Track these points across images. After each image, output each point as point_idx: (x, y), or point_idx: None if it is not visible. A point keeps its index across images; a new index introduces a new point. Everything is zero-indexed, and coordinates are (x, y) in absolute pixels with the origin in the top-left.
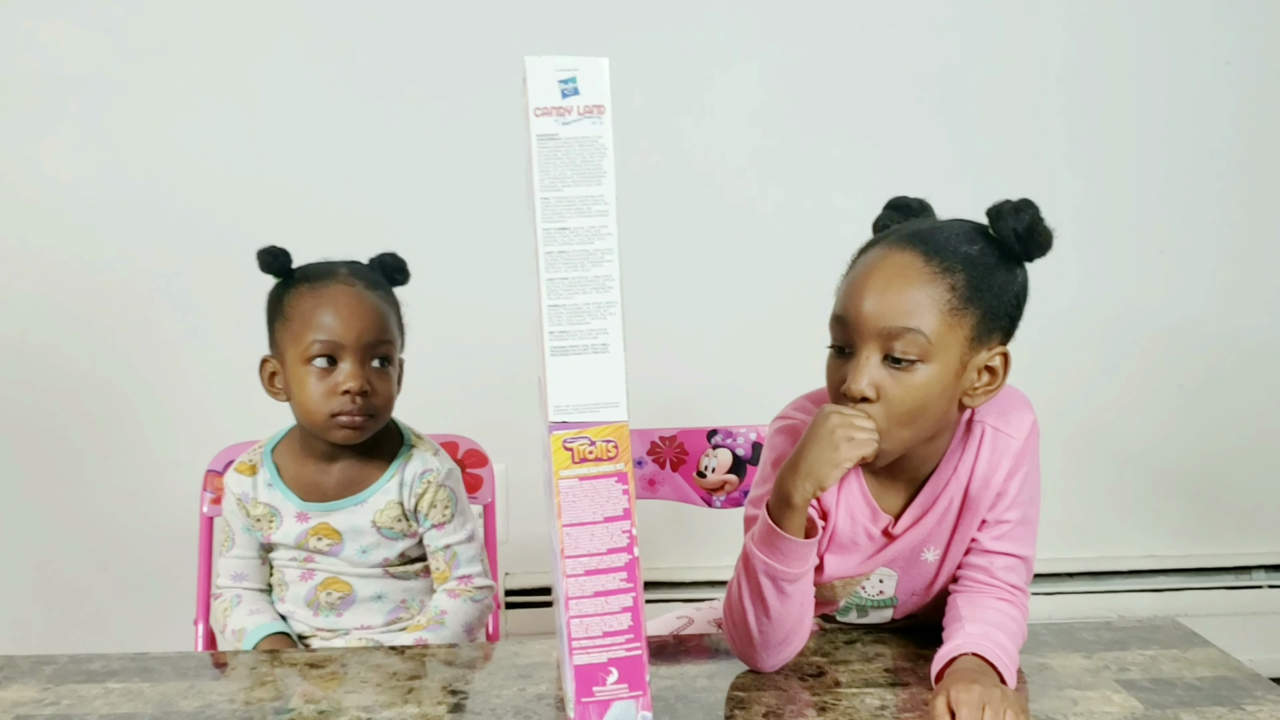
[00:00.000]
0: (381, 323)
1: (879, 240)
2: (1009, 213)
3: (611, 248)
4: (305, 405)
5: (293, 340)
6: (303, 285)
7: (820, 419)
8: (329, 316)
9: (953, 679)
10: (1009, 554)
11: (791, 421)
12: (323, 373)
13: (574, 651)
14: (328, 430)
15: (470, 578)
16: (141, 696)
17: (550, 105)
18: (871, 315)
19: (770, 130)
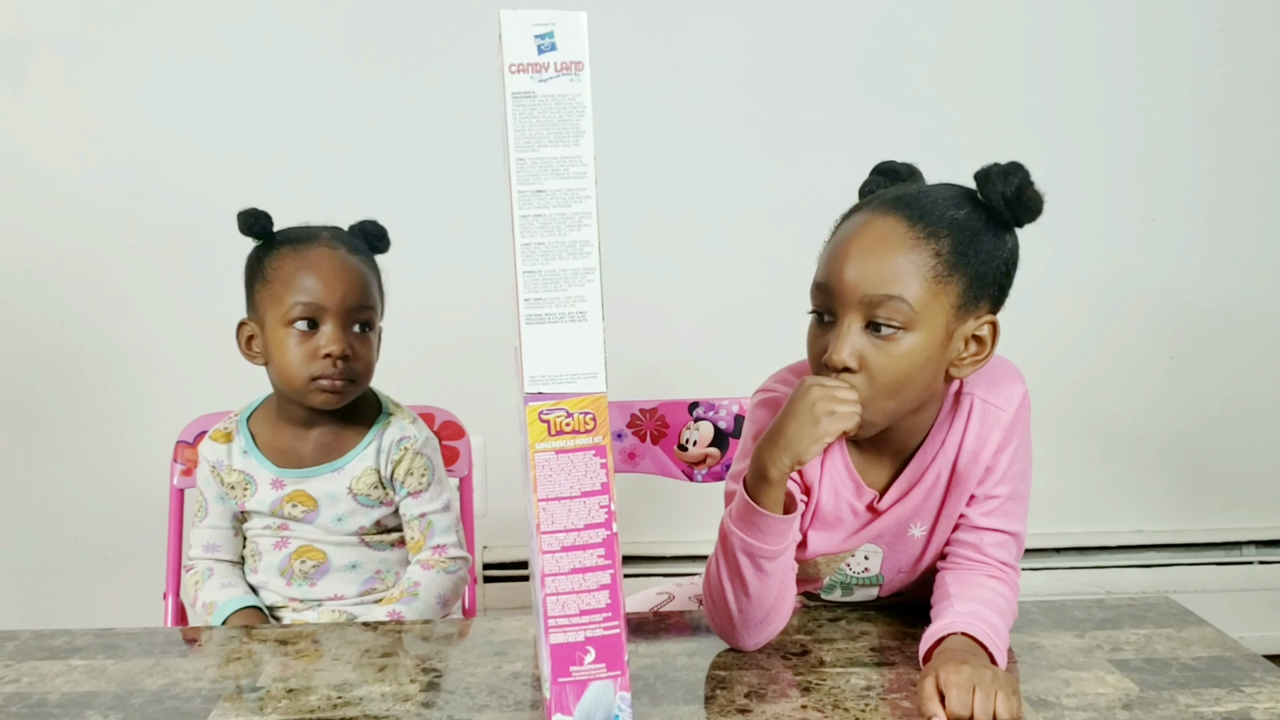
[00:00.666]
0: (364, 287)
1: (863, 205)
2: (997, 176)
3: (590, 211)
4: (285, 368)
5: (273, 302)
6: (284, 248)
7: (800, 391)
8: (311, 279)
9: (942, 659)
10: (999, 530)
11: (773, 394)
12: (303, 336)
13: (550, 630)
14: (307, 394)
15: (444, 548)
16: (105, 674)
17: (526, 61)
18: (853, 282)
19: (756, 94)
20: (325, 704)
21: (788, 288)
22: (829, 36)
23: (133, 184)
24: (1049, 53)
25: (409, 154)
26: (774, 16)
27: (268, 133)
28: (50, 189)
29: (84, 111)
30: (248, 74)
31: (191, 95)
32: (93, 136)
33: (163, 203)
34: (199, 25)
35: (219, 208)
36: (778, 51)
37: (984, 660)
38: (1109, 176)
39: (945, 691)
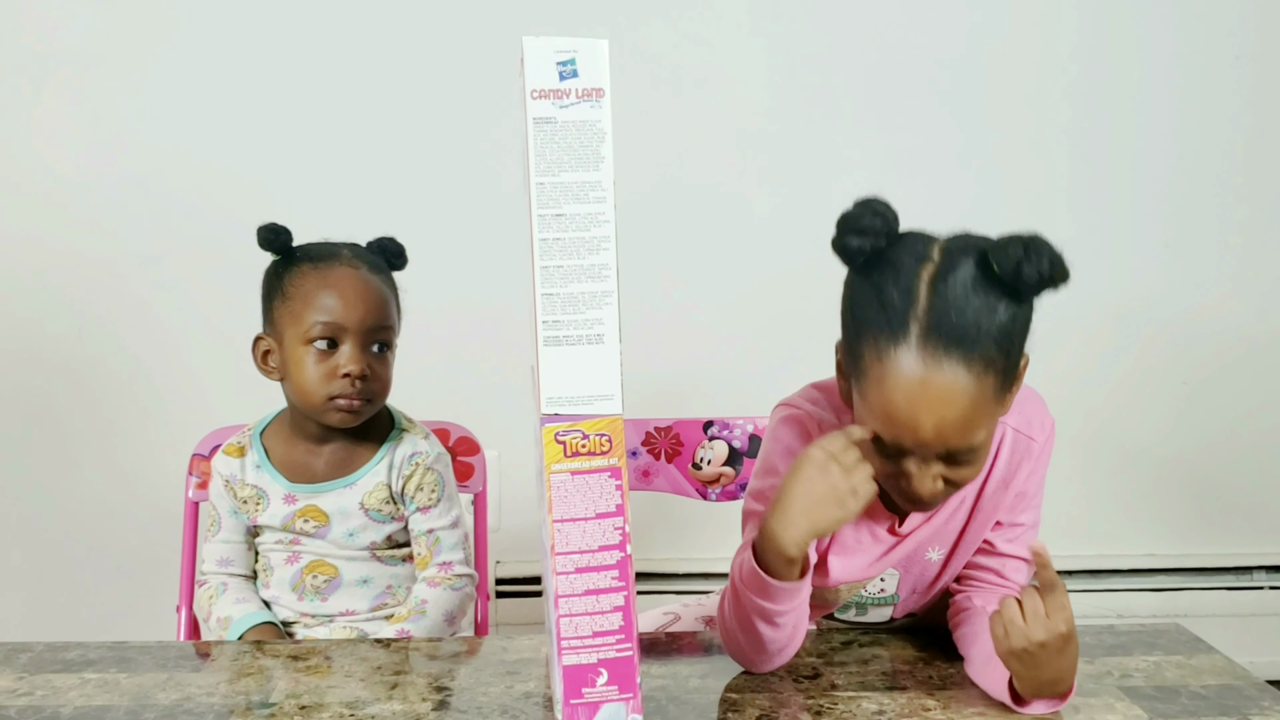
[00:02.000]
0: (384, 307)
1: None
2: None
3: (608, 235)
4: (303, 386)
5: (293, 320)
6: (305, 265)
7: (816, 467)
8: (332, 298)
9: None
10: (1019, 556)
11: (796, 412)
12: (322, 354)
13: (563, 651)
14: (324, 413)
15: (450, 565)
16: (118, 688)
17: (548, 88)
18: (930, 442)
19: (772, 117)
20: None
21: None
22: (843, 59)
23: (152, 195)
24: (1068, 78)
25: (430, 173)
26: (787, 43)
27: (289, 148)
28: (70, 199)
29: (104, 123)
30: (270, 89)
31: (212, 109)
32: (113, 148)
33: (182, 214)
34: (220, 39)
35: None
36: (792, 75)
37: None
38: (1127, 203)
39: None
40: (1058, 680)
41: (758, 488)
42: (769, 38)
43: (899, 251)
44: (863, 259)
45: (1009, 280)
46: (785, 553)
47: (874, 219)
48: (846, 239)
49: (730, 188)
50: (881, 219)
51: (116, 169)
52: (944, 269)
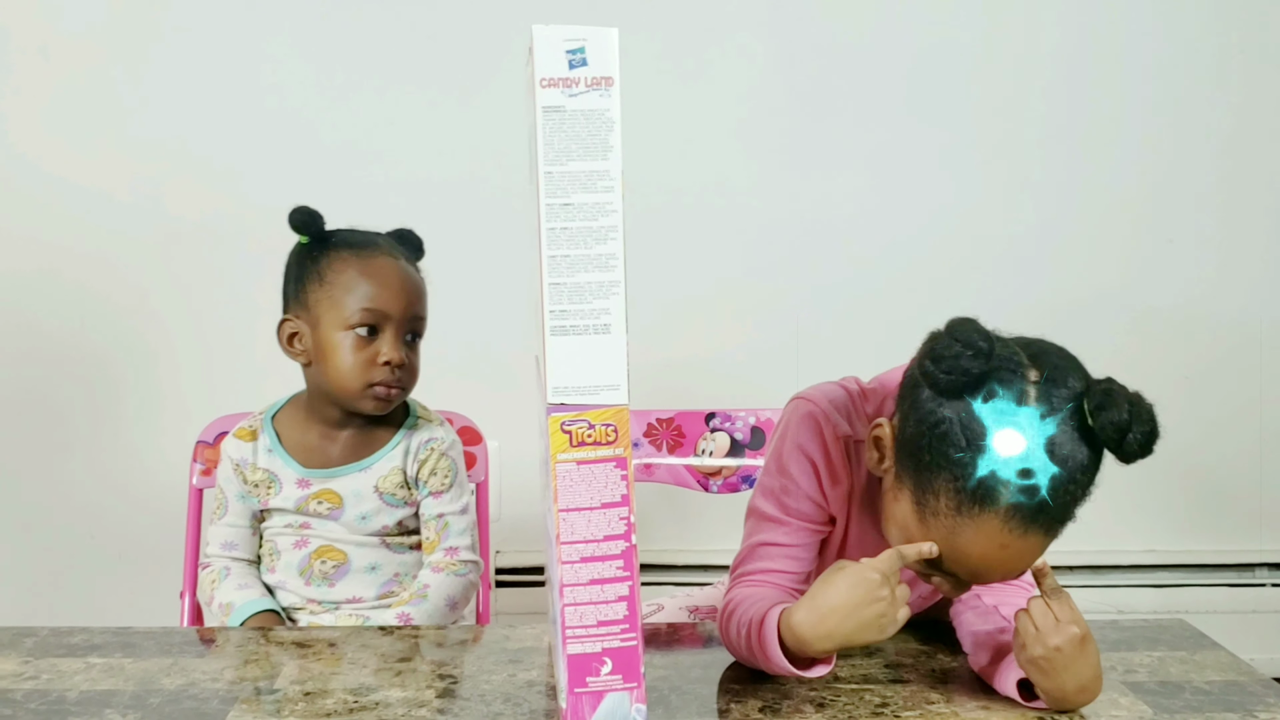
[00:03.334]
0: (422, 298)
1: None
2: (1131, 430)
3: (616, 225)
4: (340, 371)
5: (332, 305)
6: (345, 251)
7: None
8: (376, 286)
9: None
10: (1022, 586)
11: (814, 409)
12: (361, 341)
13: (567, 640)
14: (358, 399)
15: (457, 550)
16: (123, 673)
17: (557, 76)
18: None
19: (778, 108)
20: (342, 708)
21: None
22: (852, 52)
23: (151, 187)
24: (1068, 72)
25: (436, 162)
26: (800, 31)
27: (289, 139)
28: (71, 190)
29: (103, 118)
30: (269, 80)
31: (213, 100)
32: (111, 142)
33: (181, 206)
34: (218, 31)
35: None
36: (801, 66)
37: None
38: (1127, 196)
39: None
40: (1083, 689)
41: (768, 486)
42: (777, 28)
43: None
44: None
45: (1109, 444)
46: (808, 652)
47: (973, 360)
48: (940, 377)
49: (737, 179)
50: (981, 359)
51: (117, 160)
52: None
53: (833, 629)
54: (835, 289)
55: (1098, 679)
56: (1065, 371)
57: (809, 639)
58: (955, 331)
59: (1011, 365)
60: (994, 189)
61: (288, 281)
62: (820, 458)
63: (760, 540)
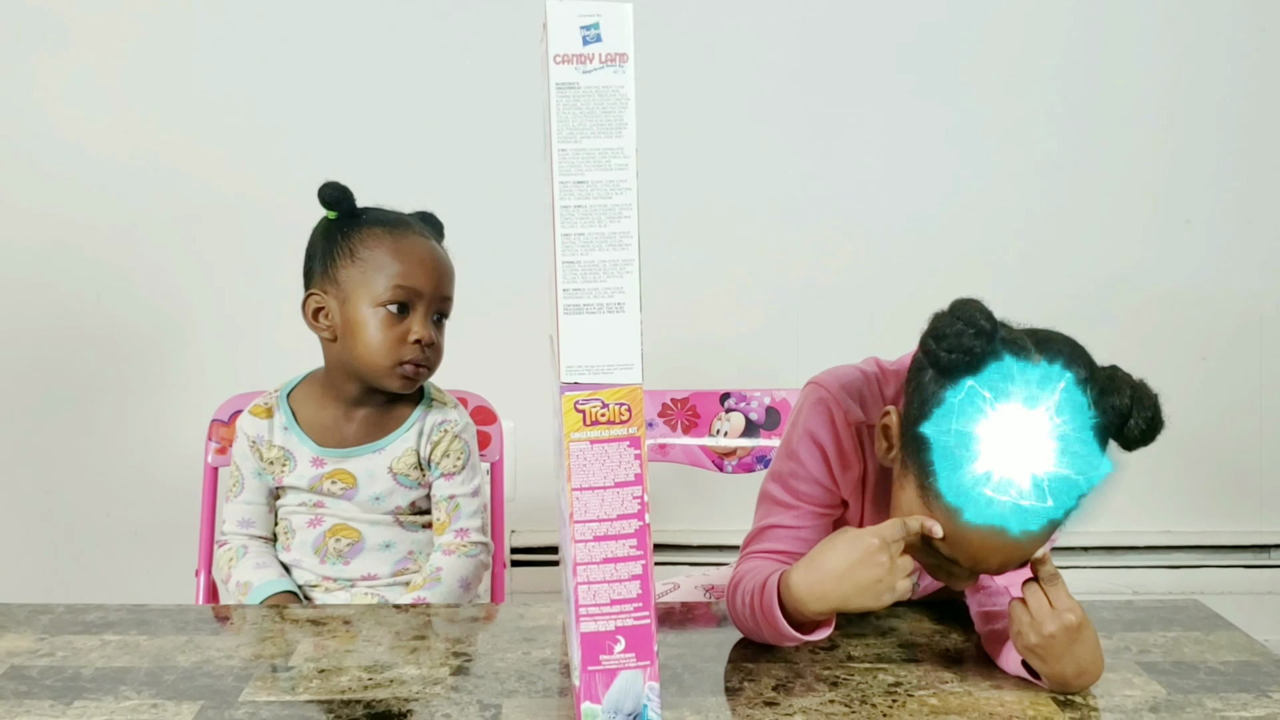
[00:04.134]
0: (451, 278)
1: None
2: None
3: (630, 203)
4: (369, 348)
5: (363, 282)
6: (379, 228)
7: (866, 551)
8: (410, 264)
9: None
10: None
11: (825, 395)
12: (392, 319)
13: (581, 619)
14: (386, 377)
15: (467, 531)
16: (138, 650)
17: (571, 52)
18: (990, 571)
19: (796, 87)
20: (356, 685)
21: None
22: (867, 29)
23: (168, 160)
24: (1087, 51)
25: (450, 139)
26: (814, 10)
27: (306, 114)
28: (86, 165)
29: (119, 89)
30: (286, 54)
31: (229, 74)
32: (128, 113)
33: (199, 180)
34: (240, 8)
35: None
36: (815, 44)
37: None
38: (1146, 177)
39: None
40: (1082, 672)
41: (779, 470)
42: (790, 6)
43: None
44: (955, 373)
45: (1112, 430)
46: (805, 609)
47: (975, 339)
48: (942, 355)
49: (752, 158)
50: (984, 338)
51: (134, 135)
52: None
53: (828, 590)
54: (853, 269)
55: (1097, 663)
56: (1069, 358)
57: (804, 599)
58: (958, 310)
59: (1014, 349)
60: (1009, 168)
61: (313, 257)
62: (830, 444)
63: (769, 523)
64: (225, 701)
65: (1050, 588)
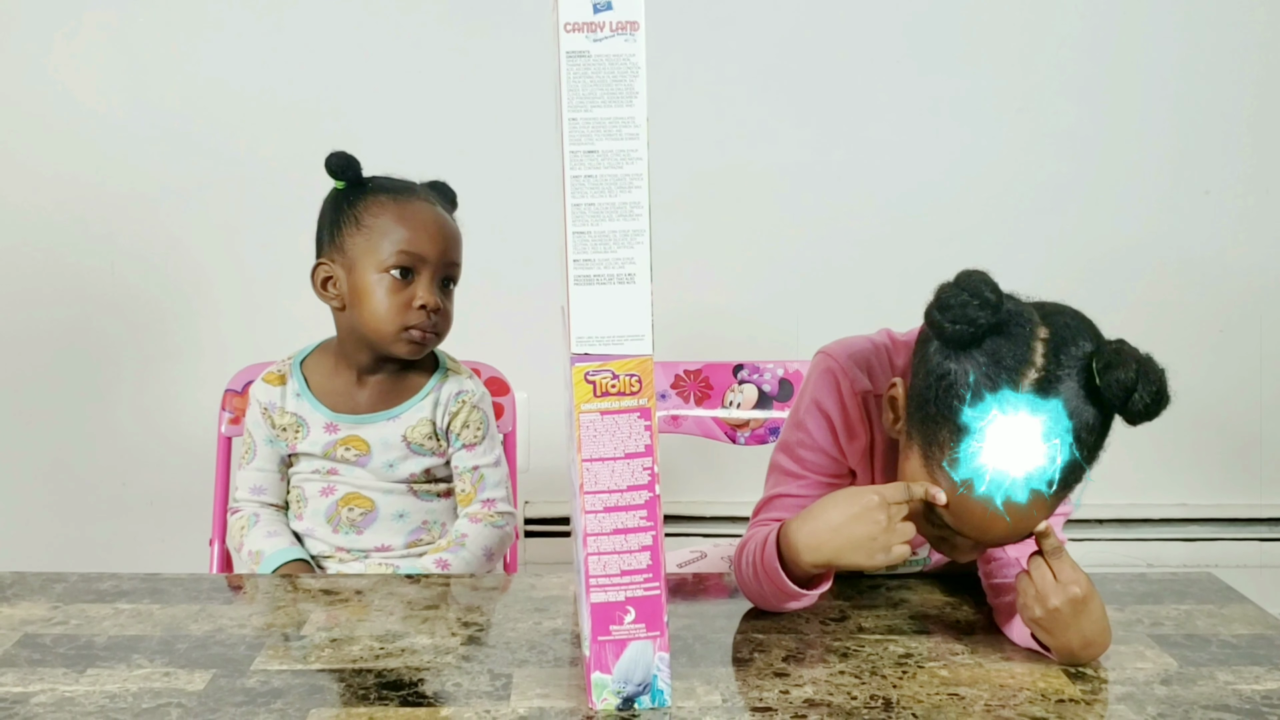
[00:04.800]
0: (457, 244)
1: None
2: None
3: (641, 173)
4: (375, 314)
5: (369, 249)
6: (383, 196)
7: (864, 507)
8: (413, 230)
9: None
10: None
11: (832, 365)
12: (397, 285)
13: (591, 589)
14: (392, 343)
15: (494, 502)
16: (151, 618)
17: (581, 20)
18: (993, 544)
19: (807, 56)
20: (368, 654)
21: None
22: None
23: (184, 129)
24: (1103, 20)
25: (461, 109)
26: None
27: (319, 82)
28: (102, 134)
29: (136, 57)
30: (300, 23)
31: (244, 42)
32: (144, 82)
33: (214, 149)
34: None
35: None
36: (828, 12)
37: None
38: (1165, 146)
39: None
40: (1089, 644)
41: (787, 440)
42: None
43: (999, 344)
44: (960, 344)
45: (1114, 402)
46: (800, 564)
47: (980, 310)
48: (947, 326)
49: (765, 127)
50: (989, 309)
51: (148, 104)
52: (1047, 379)
53: (822, 542)
54: (865, 240)
55: (1104, 633)
56: (1076, 331)
57: (800, 549)
58: (963, 282)
59: (1020, 320)
60: (1024, 137)
61: (322, 227)
62: (836, 413)
63: (777, 492)
64: (237, 670)
65: (1055, 560)
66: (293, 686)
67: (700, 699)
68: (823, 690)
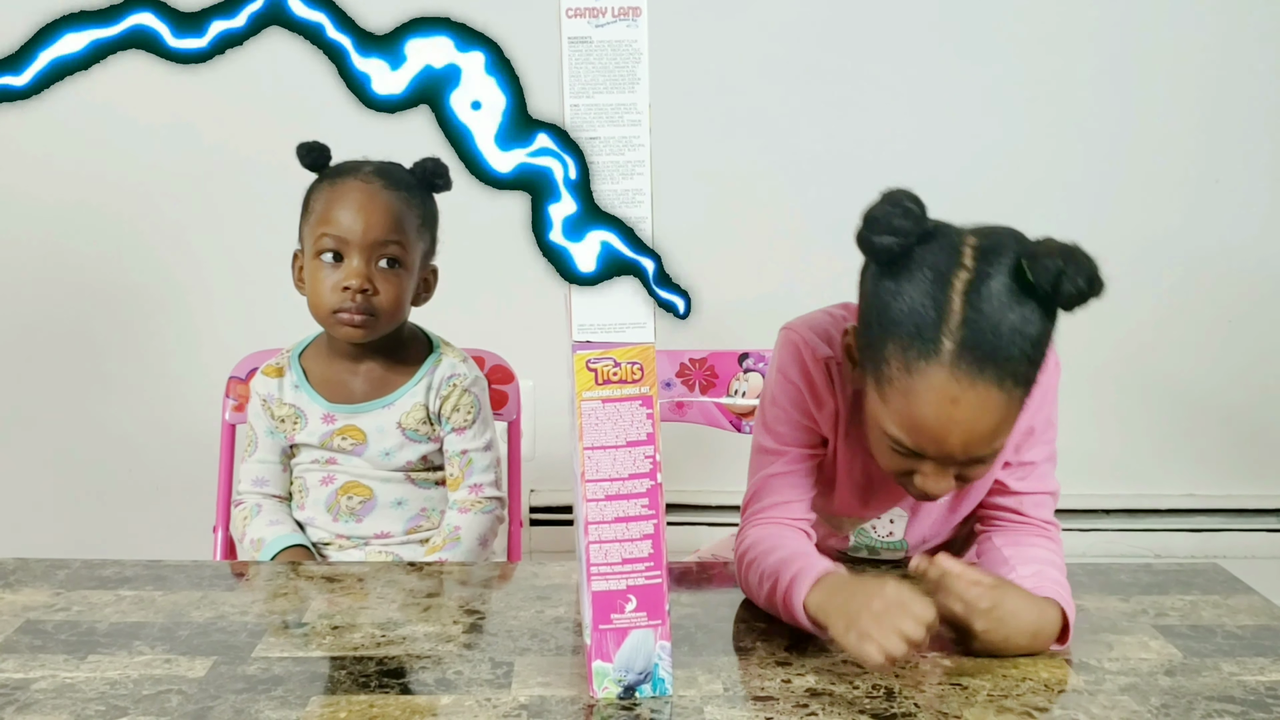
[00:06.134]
0: (393, 223)
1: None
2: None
3: (643, 160)
4: (313, 299)
5: (309, 234)
6: (323, 180)
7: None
8: (339, 211)
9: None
10: (1038, 491)
11: (794, 336)
12: (330, 268)
13: (592, 577)
14: (331, 326)
15: (481, 486)
16: (153, 605)
17: (583, 6)
18: (955, 455)
19: (815, 43)
20: (369, 641)
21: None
22: None
23: (188, 119)
24: (1117, 10)
25: None
26: None
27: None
28: (107, 125)
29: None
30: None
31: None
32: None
33: (218, 138)
34: None
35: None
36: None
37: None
38: (1175, 136)
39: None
40: (1036, 633)
41: (762, 419)
42: None
43: (929, 253)
44: (889, 258)
45: (1046, 293)
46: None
47: (904, 219)
48: (874, 239)
49: (770, 113)
50: (913, 219)
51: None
52: (979, 278)
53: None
54: None
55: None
56: (1004, 236)
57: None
58: (887, 198)
59: (948, 232)
60: (1035, 129)
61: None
62: (802, 381)
63: (765, 475)
64: (238, 657)
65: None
66: (293, 674)
67: (702, 688)
68: (825, 679)
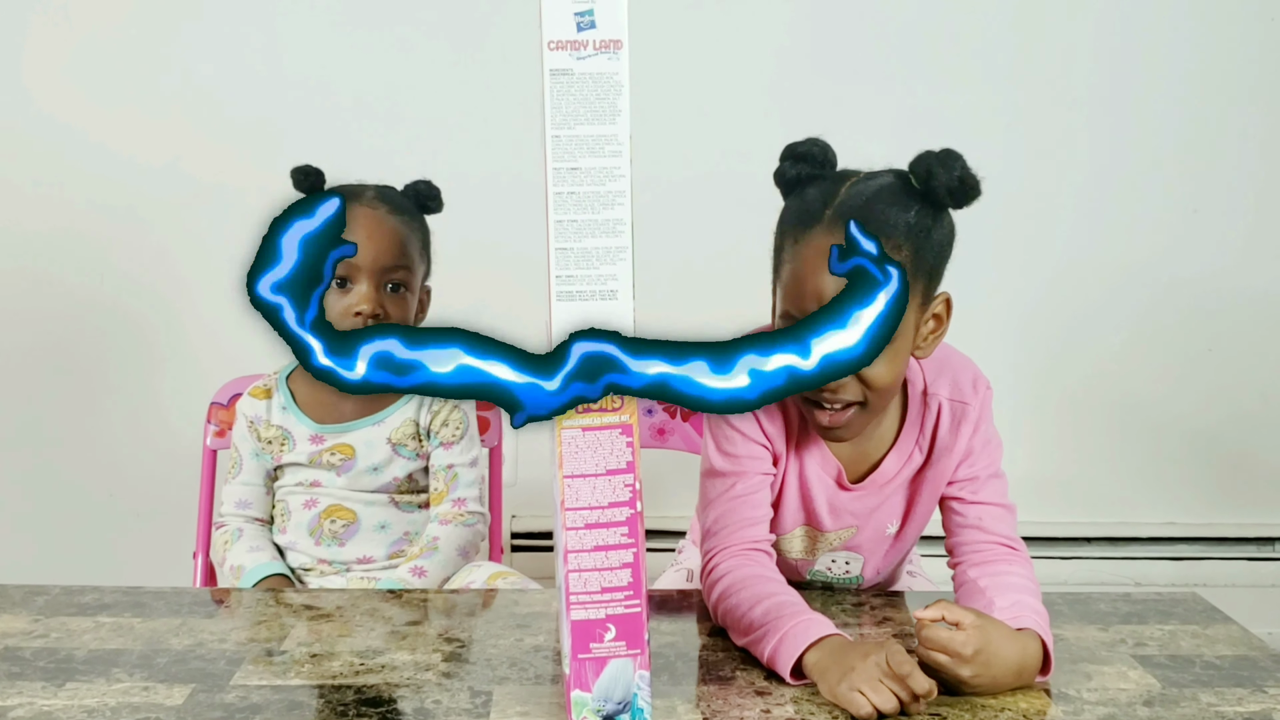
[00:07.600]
0: (399, 248)
1: (810, 224)
2: (938, 166)
3: (624, 190)
4: None
5: None
6: None
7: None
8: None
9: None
10: (994, 503)
11: None
12: (338, 294)
13: (571, 606)
14: None
15: (464, 501)
16: (132, 632)
17: (565, 39)
18: None
19: (794, 73)
20: (348, 670)
21: None
22: (880, 14)
23: (173, 144)
24: (1095, 37)
25: (447, 123)
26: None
27: (307, 97)
28: (89, 151)
29: (124, 73)
30: (289, 36)
31: (232, 57)
32: (131, 100)
33: (203, 162)
34: None
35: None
36: (828, 27)
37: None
38: (1153, 164)
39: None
40: (1021, 670)
41: (715, 440)
42: None
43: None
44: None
45: (922, 186)
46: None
47: (813, 147)
48: (784, 164)
49: (749, 144)
50: (821, 149)
51: (138, 118)
52: (863, 179)
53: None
54: None
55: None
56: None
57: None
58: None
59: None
60: (1015, 154)
61: None
62: None
63: (718, 496)
64: (217, 685)
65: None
66: (271, 702)
67: (681, 718)
68: (804, 709)
